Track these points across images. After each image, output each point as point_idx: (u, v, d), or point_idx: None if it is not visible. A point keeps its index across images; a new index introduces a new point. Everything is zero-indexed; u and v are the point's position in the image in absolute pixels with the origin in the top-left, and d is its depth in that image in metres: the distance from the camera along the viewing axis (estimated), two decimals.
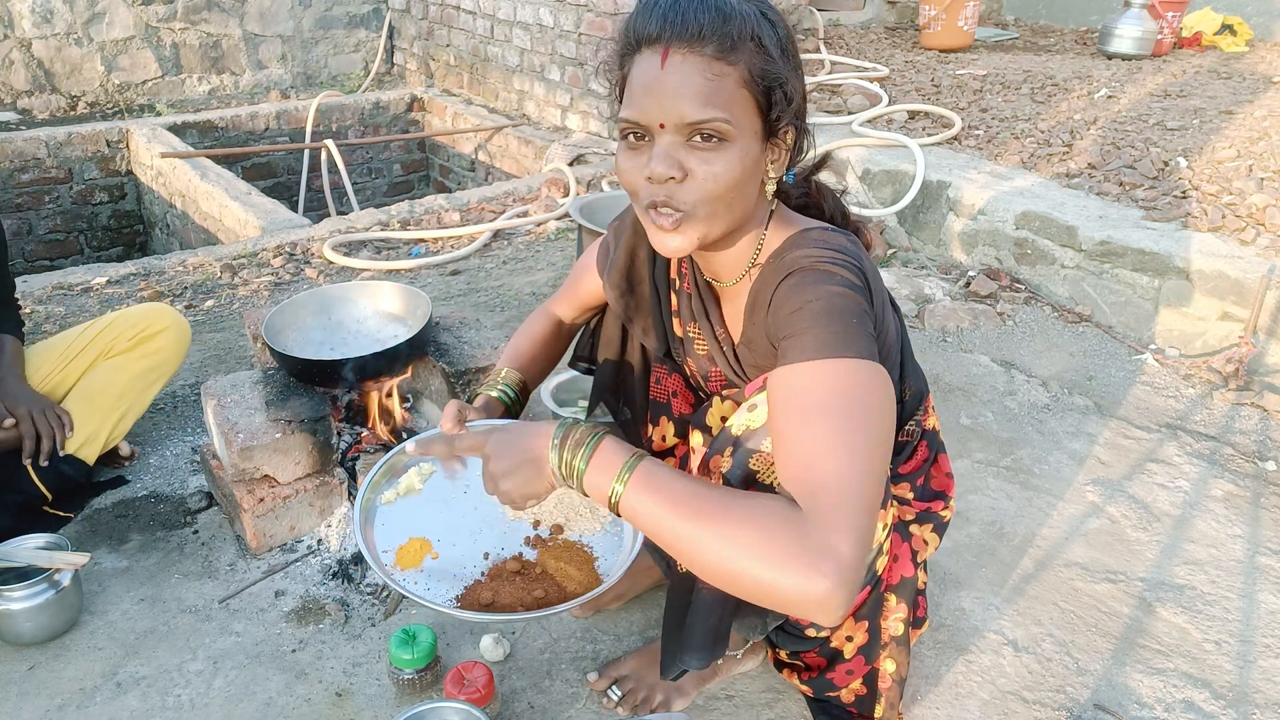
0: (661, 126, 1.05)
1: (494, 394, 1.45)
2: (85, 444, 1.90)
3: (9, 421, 1.78)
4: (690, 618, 1.25)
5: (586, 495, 1.06)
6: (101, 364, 1.99)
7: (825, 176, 1.29)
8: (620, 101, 1.13)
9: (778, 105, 1.07)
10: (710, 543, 0.95)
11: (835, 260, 1.08)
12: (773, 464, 1.12)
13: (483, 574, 1.20)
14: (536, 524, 1.28)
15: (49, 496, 1.84)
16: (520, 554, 1.24)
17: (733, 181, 1.06)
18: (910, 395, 1.33)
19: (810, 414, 0.98)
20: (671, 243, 1.11)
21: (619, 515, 1.03)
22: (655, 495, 0.99)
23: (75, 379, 1.98)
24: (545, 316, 1.57)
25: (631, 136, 1.09)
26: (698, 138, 1.05)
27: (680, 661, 1.29)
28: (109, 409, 1.94)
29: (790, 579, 0.90)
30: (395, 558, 1.23)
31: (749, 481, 1.14)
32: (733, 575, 0.95)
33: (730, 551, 0.94)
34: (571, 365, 1.64)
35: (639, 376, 1.51)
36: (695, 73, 1.03)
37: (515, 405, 1.45)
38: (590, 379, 1.63)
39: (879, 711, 1.35)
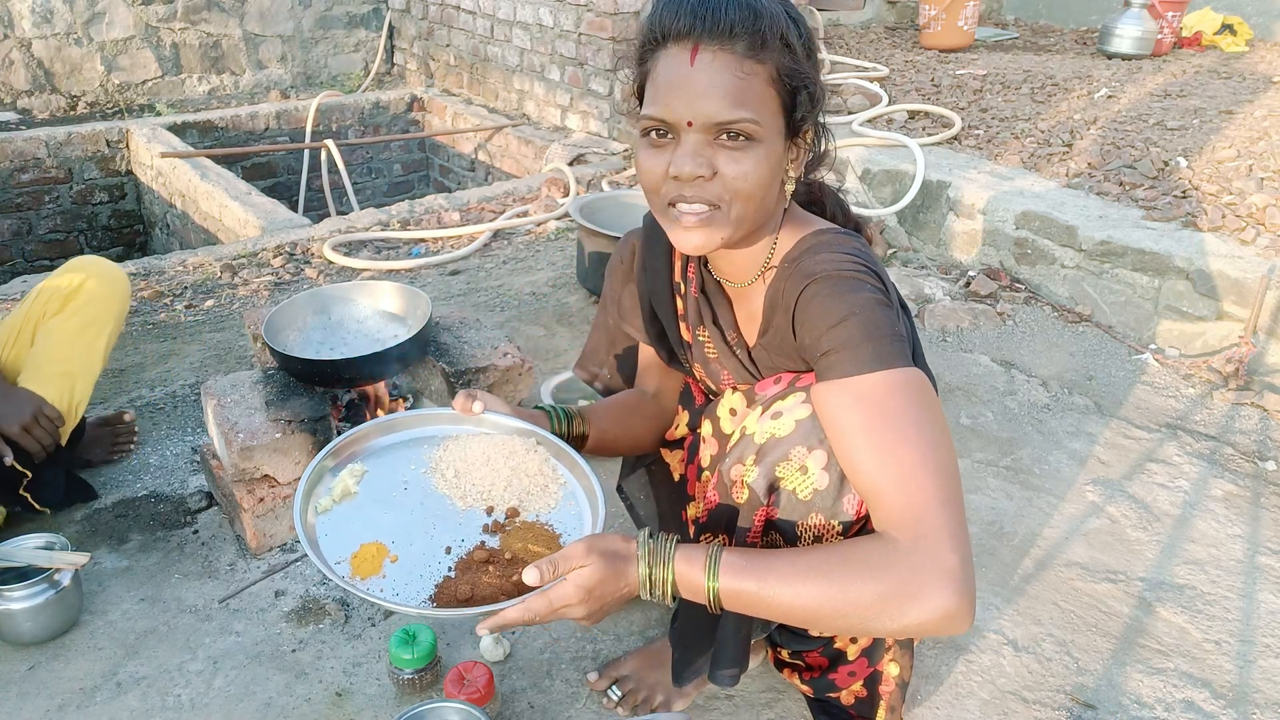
0: (689, 125, 1.04)
1: (543, 407, 1.38)
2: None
3: (8, 458, 1.73)
4: (721, 634, 1.25)
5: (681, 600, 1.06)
6: (39, 332, 1.91)
7: (830, 176, 1.29)
8: (640, 98, 1.11)
9: (802, 105, 1.07)
10: (827, 609, 0.98)
11: (858, 267, 1.08)
12: (799, 471, 1.12)
13: (450, 569, 1.15)
14: (490, 510, 1.23)
15: (28, 474, 1.79)
16: (483, 542, 1.19)
17: (761, 180, 1.06)
18: None
19: (895, 430, 1.00)
20: (693, 239, 1.10)
21: (724, 608, 1.04)
22: (750, 578, 1.01)
23: (24, 356, 1.90)
24: (632, 390, 1.54)
25: (655, 134, 1.08)
26: (725, 136, 1.04)
27: (714, 679, 1.29)
28: (56, 374, 1.84)
29: (920, 615, 0.94)
30: (350, 568, 1.16)
31: (772, 490, 1.14)
32: (859, 628, 0.99)
33: (849, 612, 0.97)
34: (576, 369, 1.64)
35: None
36: (726, 71, 1.02)
37: (560, 424, 1.37)
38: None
39: (880, 715, 1.35)
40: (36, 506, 1.84)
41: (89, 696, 1.50)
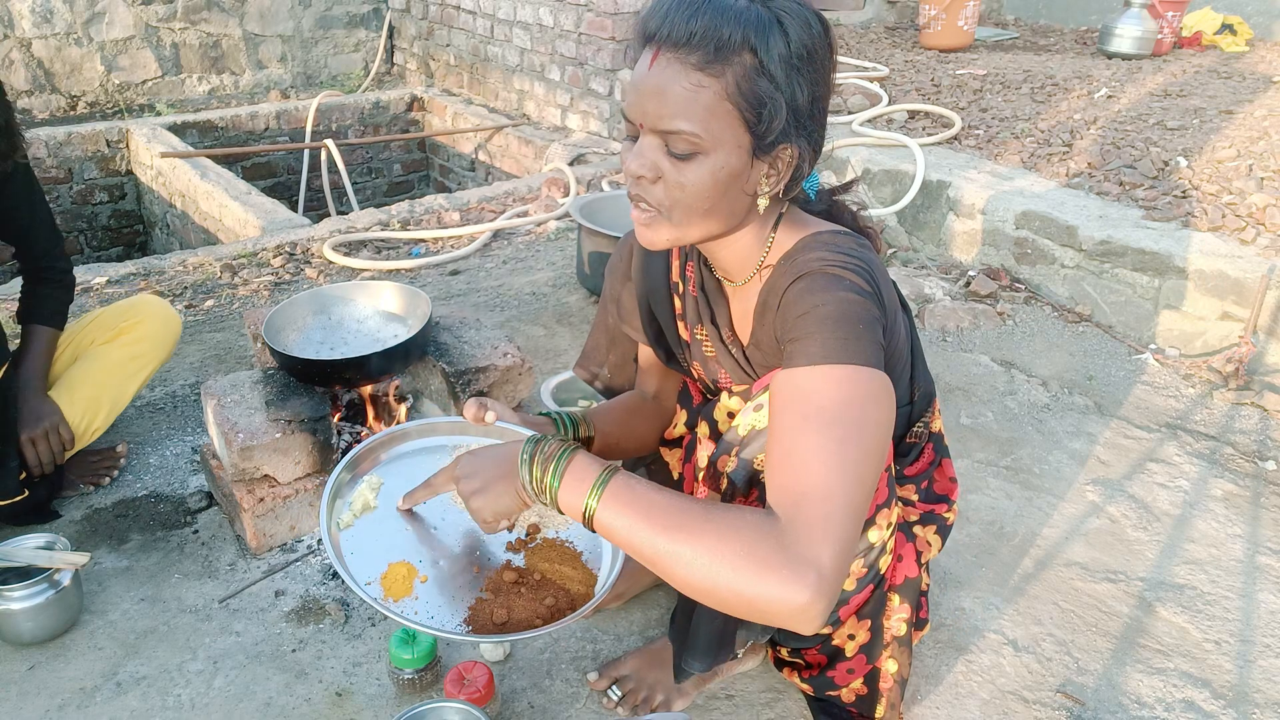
0: (641, 126, 1.05)
1: (548, 414, 1.39)
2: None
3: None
4: (695, 621, 1.25)
5: (561, 512, 1.06)
6: (84, 353, 1.99)
7: (829, 176, 1.29)
8: None
9: (767, 121, 1.02)
10: (687, 556, 0.94)
11: (845, 264, 1.07)
12: None
13: (482, 590, 1.17)
14: (511, 527, 1.22)
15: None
16: (509, 561, 1.21)
17: (701, 192, 1.05)
18: (919, 397, 1.33)
19: (809, 421, 0.98)
20: (644, 235, 1.12)
21: (594, 530, 1.03)
22: (629, 509, 0.99)
23: (62, 372, 1.97)
24: (632, 392, 1.55)
25: (629, 127, 1.09)
26: (670, 144, 1.04)
27: (684, 664, 1.29)
28: (86, 396, 1.91)
29: (769, 590, 0.90)
30: (382, 589, 1.16)
31: (753, 482, 1.14)
32: (710, 588, 0.94)
33: (708, 564, 0.93)
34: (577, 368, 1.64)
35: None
36: (674, 81, 1.01)
37: (566, 431, 1.39)
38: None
39: (880, 712, 1.35)
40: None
41: (89, 696, 1.50)
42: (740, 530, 0.93)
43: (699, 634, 1.26)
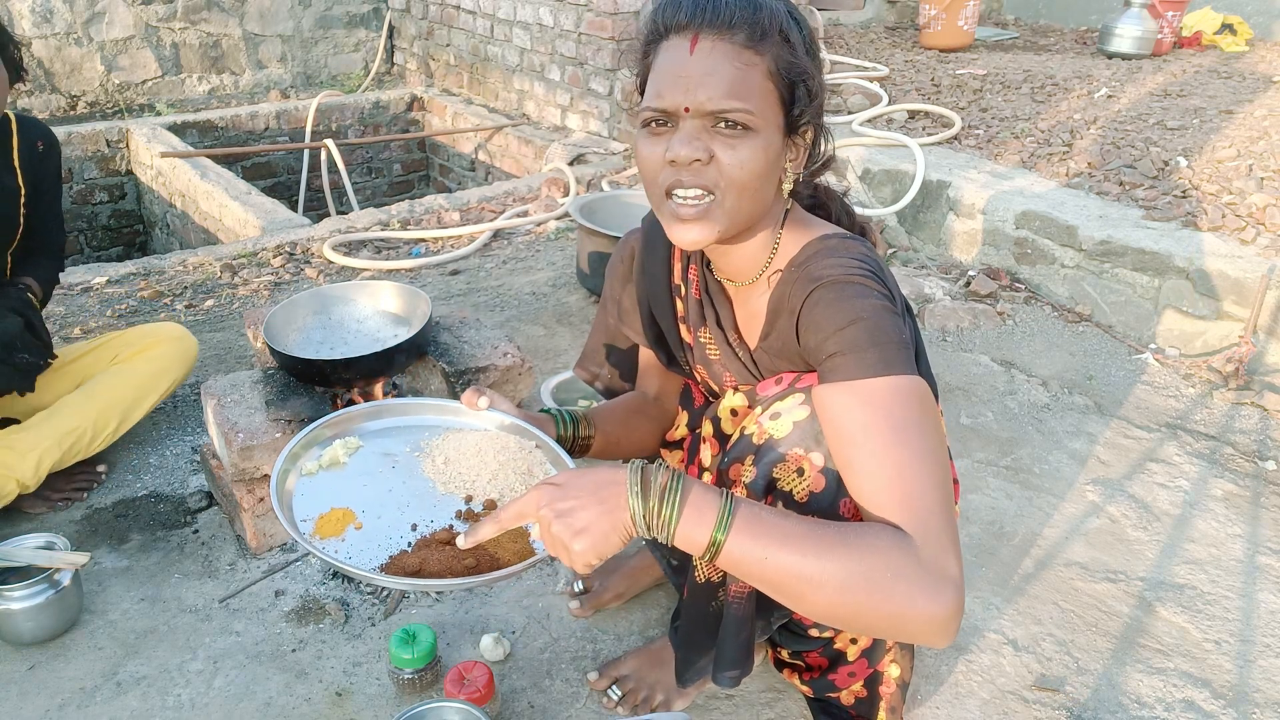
0: (686, 111, 1.04)
1: (550, 411, 1.38)
2: (76, 439, 1.90)
3: None
4: (722, 635, 1.24)
5: (674, 545, 0.99)
6: (102, 370, 2.04)
7: (827, 176, 1.29)
8: (642, 92, 1.12)
9: (800, 101, 1.08)
10: (835, 581, 0.93)
11: (864, 272, 1.07)
12: (795, 472, 1.11)
13: (409, 544, 1.16)
14: (469, 499, 1.23)
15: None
16: (451, 526, 1.19)
17: (757, 170, 1.06)
18: None
19: (901, 435, 0.99)
20: (689, 234, 1.09)
21: (714, 562, 0.98)
22: (763, 539, 0.95)
23: (76, 382, 2.01)
24: (634, 393, 1.54)
25: (654, 123, 1.08)
26: (722, 125, 1.04)
27: (715, 680, 1.28)
28: (102, 409, 1.95)
29: (921, 608, 0.92)
30: (315, 527, 1.17)
31: (770, 490, 1.14)
32: (856, 610, 0.93)
33: (857, 587, 0.93)
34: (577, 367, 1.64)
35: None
36: (724, 60, 1.03)
37: (566, 428, 1.38)
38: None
39: (880, 715, 1.35)
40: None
41: (89, 696, 1.50)
42: (882, 551, 0.94)
43: (727, 648, 1.25)
